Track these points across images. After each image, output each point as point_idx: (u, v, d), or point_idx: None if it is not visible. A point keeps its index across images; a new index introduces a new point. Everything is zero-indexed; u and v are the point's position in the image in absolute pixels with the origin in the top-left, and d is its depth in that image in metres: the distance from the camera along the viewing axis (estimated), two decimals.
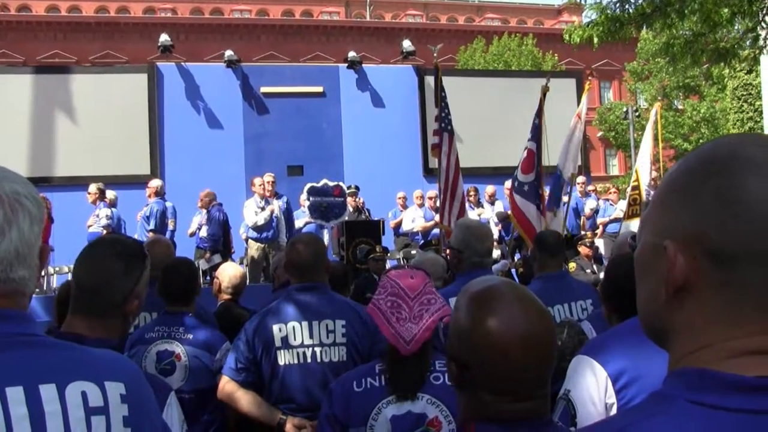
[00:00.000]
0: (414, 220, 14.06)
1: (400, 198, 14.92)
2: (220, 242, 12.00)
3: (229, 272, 5.48)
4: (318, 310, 3.64)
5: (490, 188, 14.55)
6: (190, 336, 3.95)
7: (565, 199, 11.92)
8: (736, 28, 13.16)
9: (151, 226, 11.69)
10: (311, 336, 3.59)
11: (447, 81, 10.02)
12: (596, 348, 2.55)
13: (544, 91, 9.06)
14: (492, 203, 14.27)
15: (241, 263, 12.79)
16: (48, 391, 1.40)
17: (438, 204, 9.44)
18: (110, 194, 12.62)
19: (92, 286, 2.09)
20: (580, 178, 14.19)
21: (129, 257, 2.15)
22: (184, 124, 15.86)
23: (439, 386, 2.73)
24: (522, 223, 8.89)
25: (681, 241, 0.96)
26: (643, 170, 11.72)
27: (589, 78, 9.48)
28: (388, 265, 11.02)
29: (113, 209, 12.33)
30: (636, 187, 11.53)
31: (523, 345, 1.53)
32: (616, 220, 14.20)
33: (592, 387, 2.43)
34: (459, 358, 1.60)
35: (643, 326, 1.05)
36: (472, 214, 13.12)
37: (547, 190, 9.41)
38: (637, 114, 34.33)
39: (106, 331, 2.07)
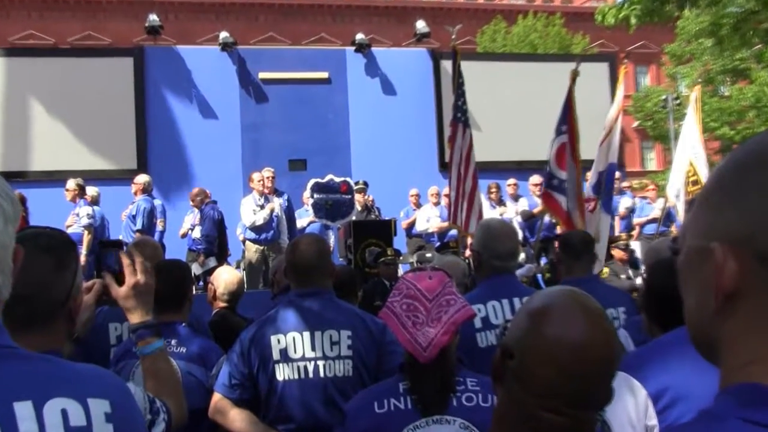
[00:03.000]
0: (429, 219, 14.06)
1: (413, 195, 14.92)
2: (215, 244, 12.03)
3: (224, 277, 5.49)
4: (321, 319, 3.63)
5: (512, 183, 14.52)
6: (183, 349, 3.94)
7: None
8: None
9: (138, 226, 11.69)
10: (313, 348, 3.59)
11: (465, 66, 10.00)
12: (634, 363, 2.51)
13: (574, 76, 9.03)
14: (515, 201, 14.27)
15: (238, 267, 12.81)
16: (23, 409, 1.38)
17: (452, 204, 9.42)
18: (91, 191, 12.63)
19: (23, 292, 1.87)
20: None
21: (58, 249, 2.05)
22: (175, 113, 15.91)
23: (472, 409, 2.70)
24: (565, 221, 8.90)
25: (729, 244, 0.95)
26: (700, 162, 11.54)
27: (625, 61, 9.38)
28: (400, 270, 11.02)
29: (95, 207, 12.34)
30: (696, 182, 11.35)
31: (575, 353, 1.53)
32: (654, 220, 14.15)
33: (630, 407, 2.39)
34: (506, 344, 1.62)
35: (691, 339, 1.04)
36: (494, 212, 13.11)
37: (587, 189, 9.39)
38: (677, 101, 34.15)
39: (49, 341, 1.96)
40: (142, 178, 12.45)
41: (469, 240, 9.52)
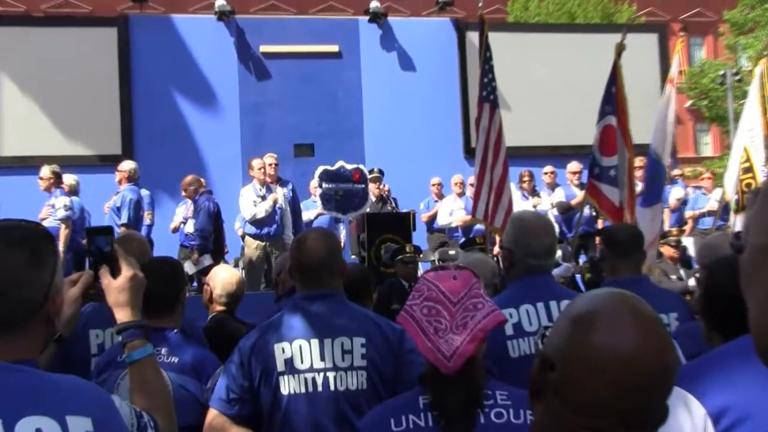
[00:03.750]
0: (452, 212, 14.07)
1: (434, 185, 14.94)
2: (211, 240, 12.05)
3: (222, 277, 5.51)
4: (331, 325, 3.63)
5: (547, 171, 14.49)
6: (175, 359, 3.93)
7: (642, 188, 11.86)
8: None
9: (123, 219, 11.67)
10: (323, 358, 3.58)
11: (494, 38, 9.96)
12: (691, 377, 2.47)
13: (619, 50, 8.99)
14: (551, 191, 14.24)
15: (237, 266, 12.85)
16: None
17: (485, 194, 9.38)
18: (69, 179, 12.60)
19: None
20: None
21: (33, 243, 2.01)
22: (164, 92, 15.96)
23: (503, 426, 2.69)
24: (615, 214, 8.86)
25: None
26: (755, 147, 11.48)
27: (681, 33, 9.25)
28: (420, 269, 11.02)
29: (73, 198, 12.32)
30: (749, 169, 11.32)
31: (626, 365, 1.51)
32: (710, 213, 14.10)
33: (687, 428, 2.36)
34: (546, 354, 1.61)
35: (755, 348, 1.02)
36: (526, 204, 13.10)
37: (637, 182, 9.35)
38: (737, 77, 33.88)
39: (24, 348, 1.91)
40: (127, 165, 12.41)
41: (497, 235, 9.51)
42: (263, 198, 12.33)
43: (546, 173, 14.34)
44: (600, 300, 1.61)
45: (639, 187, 11.03)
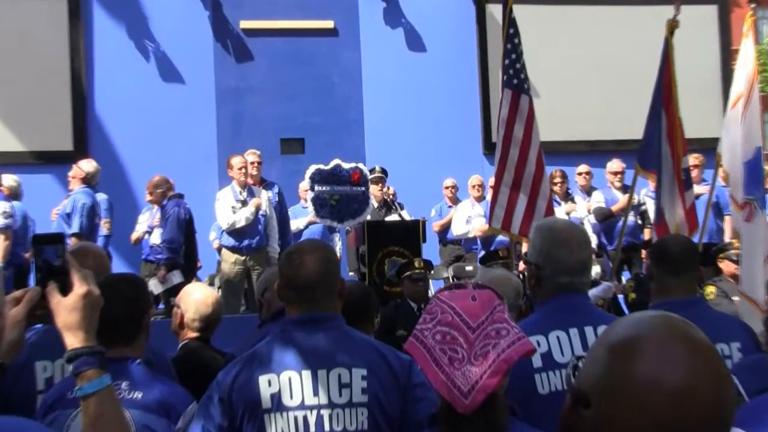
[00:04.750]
0: (470, 220, 14.06)
1: (448, 187, 14.96)
2: (181, 253, 12.05)
3: (195, 297, 5.53)
4: (327, 355, 3.65)
5: (583, 172, 14.47)
6: (138, 394, 3.90)
7: (700, 189, 11.87)
8: None
9: (75, 228, 11.62)
10: (316, 392, 3.59)
11: (519, 11, 9.95)
12: (755, 418, 2.48)
13: (672, 27, 8.99)
14: (587, 195, 14.23)
15: (212, 284, 12.86)
16: None
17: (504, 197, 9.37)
18: (8, 180, 12.57)
19: None
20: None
21: None
22: (126, 76, 15.93)
23: None
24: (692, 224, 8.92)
25: None
26: None
27: (752, 6, 9.13)
28: (431, 288, 11.03)
29: (14, 203, 12.33)
30: None
31: (675, 401, 1.51)
32: None
33: None
34: (580, 389, 1.61)
35: None
36: (558, 210, 13.09)
37: (741, 190, 9.22)
38: None
39: None
40: (87, 166, 12.30)
41: (525, 247, 9.51)
42: (244, 203, 12.33)
43: (581, 174, 14.33)
44: (643, 324, 1.61)
45: (697, 189, 11.05)
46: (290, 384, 3.60)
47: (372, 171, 13.39)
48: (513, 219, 9.07)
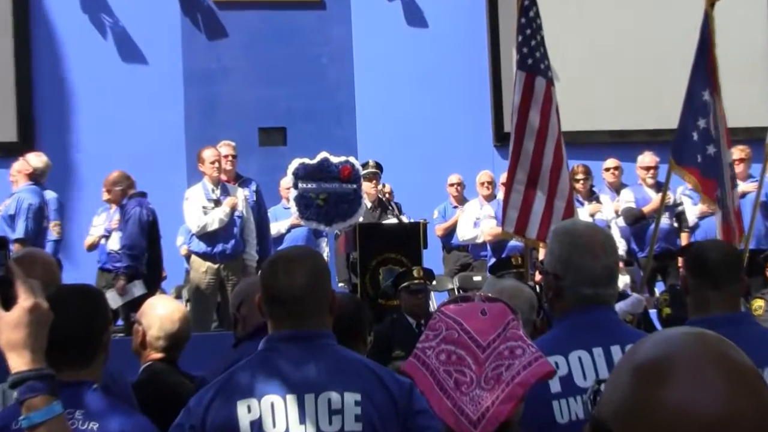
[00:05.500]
0: (478, 222, 14.04)
1: (453, 185, 14.96)
2: (144, 260, 12.03)
3: (159, 312, 5.52)
4: (315, 377, 3.64)
5: (610, 167, 14.46)
6: (94, 425, 3.84)
7: (746, 187, 11.88)
8: None
9: (19, 232, 11.63)
10: (302, 420, 3.59)
11: None
12: None
13: (712, 1, 9.03)
14: (615, 193, 14.21)
15: (180, 297, 12.86)
16: None
17: (518, 196, 9.37)
18: None
19: None
20: None
21: None
22: (78, 57, 15.92)
23: None
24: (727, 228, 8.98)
25: None
26: None
27: None
28: (433, 302, 11.04)
29: None
30: None
31: (710, 431, 1.48)
32: None
33: None
34: (600, 417, 1.60)
35: None
36: (581, 212, 13.07)
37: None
38: None
39: None
40: (31, 159, 12.31)
41: (542, 254, 9.51)
42: (217, 203, 12.31)
43: (608, 169, 14.33)
44: (674, 343, 1.59)
45: (742, 186, 11.09)
46: (273, 410, 3.60)
47: (365, 166, 13.32)
48: (529, 221, 9.07)
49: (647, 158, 13.67)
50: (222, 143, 12.90)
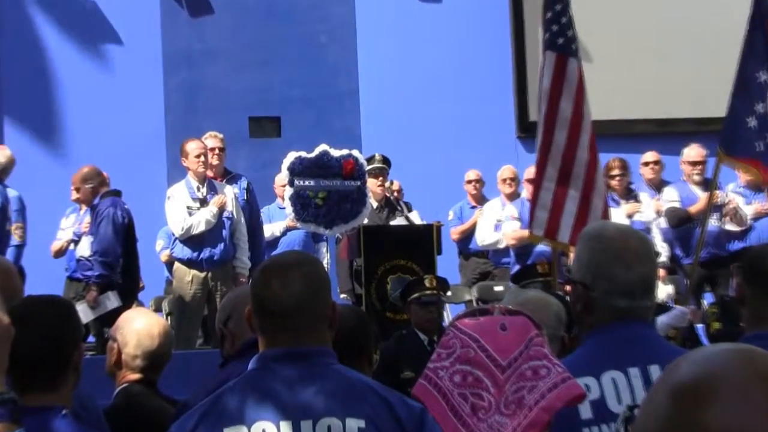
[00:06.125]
0: (500, 224, 14.03)
1: (471, 182, 14.96)
2: (118, 268, 12.03)
3: (136, 328, 5.53)
4: (313, 401, 3.64)
5: (650, 161, 14.45)
6: None
7: None
8: None
9: None
10: None
11: None
12: None
13: None
14: (656, 191, 14.19)
15: (160, 310, 12.87)
16: None
17: (548, 194, 9.36)
18: None
19: None
20: None
21: None
22: (45, 36, 15.91)
23: None
24: None
25: None
26: None
27: None
28: (448, 315, 11.05)
29: None
30: None
31: None
32: None
33: None
34: None
35: None
36: (617, 212, 13.05)
37: None
38: None
39: None
40: None
41: (571, 257, 9.49)
42: (203, 202, 12.32)
43: (646, 164, 14.31)
44: (717, 361, 1.59)
45: None
46: None
47: (370, 160, 13.32)
48: (560, 223, 9.05)
49: (694, 151, 13.59)
50: (208, 135, 12.90)
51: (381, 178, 13.62)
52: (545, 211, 9.03)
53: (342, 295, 12.31)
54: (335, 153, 12.28)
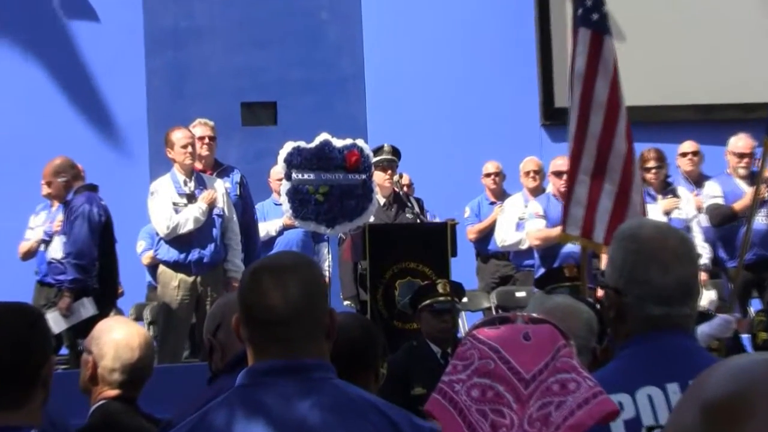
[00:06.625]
0: (522, 222, 14.04)
1: (490, 175, 14.94)
2: (95, 272, 12.02)
3: (114, 338, 5.52)
4: (310, 421, 3.63)
5: (688, 152, 14.42)
6: None
7: None
8: None
9: None
10: None
11: None
12: None
13: None
14: (696, 186, 14.18)
15: (141, 319, 12.87)
16: None
17: (584, 189, 9.35)
18: None
19: None
20: None
21: None
22: (13, 10, 15.90)
23: None
24: None
25: None
26: None
27: None
28: (464, 325, 11.04)
29: None
30: None
31: None
32: None
33: None
34: None
35: None
36: (653, 209, 13.03)
37: None
38: None
39: None
40: None
41: (603, 260, 9.46)
42: (190, 198, 12.32)
43: (684, 154, 14.30)
44: (754, 373, 1.57)
45: None
46: None
47: (378, 151, 13.31)
48: (596, 221, 9.02)
49: (742, 142, 13.50)
50: (196, 122, 12.89)
51: (389, 172, 13.56)
52: (581, 208, 8.98)
53: (345, 302, 12.31)
54: (338, 143, 12.26)
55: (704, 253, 12.63)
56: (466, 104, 16.06)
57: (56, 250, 12.29)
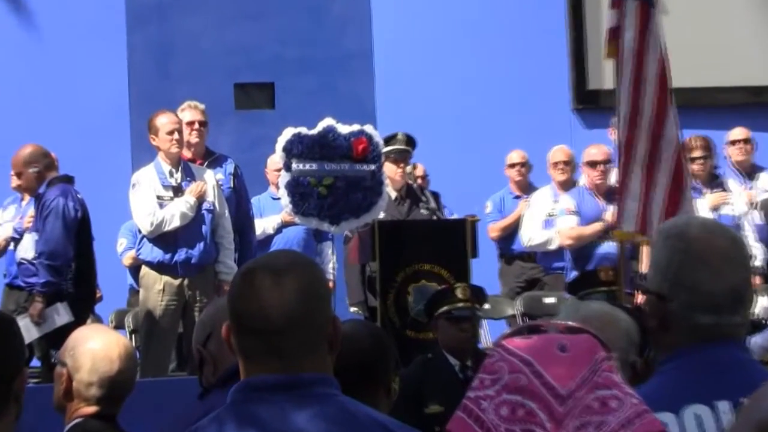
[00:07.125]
0: (552, 220, 14.03)
1: (515, 166, 14.93)
2: (70, 274, 12.02)
3: (92, 348, 5.52)
4: None
5: (739, 139, 14.40)
6: None
7: None
8: None
9: None
10: None
11: None
12: None
13: None
14: (747, 179, 14.18)
15: (121, 326, 12.88)
16: None
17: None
18: None
19: None
20: None
21: None
22: None
23: None
24: None
25: None
26: None
27: None
28: (486, 334, 11.03)
29: None
30: None
31: None
32: None
33: None
34: None
35: None
36: (700, 203, 13.03)
37: None
38: None
39: None
40: None
41: (644, 262, 9.45)
42: (177, 191, 12.32)
43: (734, 142, 14.30)
44: None
45: None
46: None
47: (389, 140, 13.29)
48: (651, 217, 8.99)
49: None
50: (184, 105, 12.88)
51: (402, 163, 13.53)
52: (636, 202, 8.98)
53: (352, 309, 12.32)
54: (343, 129, 12.25)
55: (757, 254, 12.64)
56: (487, 86, 16.07)
57: (27, 249, 12.29)
